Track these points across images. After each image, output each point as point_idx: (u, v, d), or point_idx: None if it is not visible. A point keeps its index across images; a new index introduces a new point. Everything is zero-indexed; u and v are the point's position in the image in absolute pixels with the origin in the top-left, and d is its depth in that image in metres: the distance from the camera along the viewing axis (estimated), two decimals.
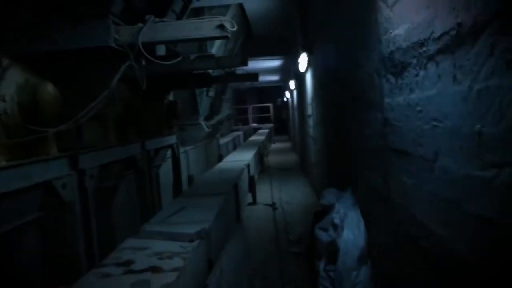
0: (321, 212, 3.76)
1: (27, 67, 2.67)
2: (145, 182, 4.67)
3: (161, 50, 5.06)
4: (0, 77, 2.31)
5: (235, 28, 2.49)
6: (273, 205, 6.82)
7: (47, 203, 2.98)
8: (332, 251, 3.03)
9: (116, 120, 4.15)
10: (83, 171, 3.22)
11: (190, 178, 8.14)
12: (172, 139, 5.90)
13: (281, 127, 25.77)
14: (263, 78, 19.80)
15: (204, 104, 9.08)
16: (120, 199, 4.48)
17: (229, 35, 2.49)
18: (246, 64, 4.20)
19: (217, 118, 9.91)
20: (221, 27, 2.47)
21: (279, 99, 27.54)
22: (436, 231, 1.71)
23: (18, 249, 2.83)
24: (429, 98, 1.66)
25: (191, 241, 2.63)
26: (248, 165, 6.93)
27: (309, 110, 7.75)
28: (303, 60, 7.31)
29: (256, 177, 8.60)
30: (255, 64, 13.54)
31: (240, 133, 18.11)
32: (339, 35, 3.90)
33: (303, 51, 6.68)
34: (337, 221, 3.08)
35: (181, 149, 8.04)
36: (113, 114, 4.09)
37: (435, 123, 1.60)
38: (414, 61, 1.78)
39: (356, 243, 2.94)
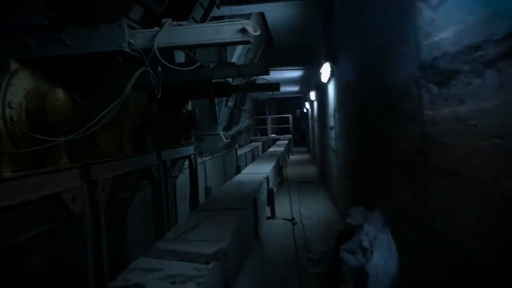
0: (347, 232, 3.49)
1: (38, 73, 2.55)
2: (161, 194, 4.50)
3: (180, 58, 4.93)
4: (8, 82, 2.17)
5: (258, 32, 2.30)
6: (292, 220, 6.55)
7: (59, 215, 2.84)
8: (361, 277, 2.76)
9: (132, 130, 4.00)
10: (95, 182, 3.06)
11: (208, 190, 7.96)
12: (190, 150, 5.74)
13: (300, 138, 25.48)
14: (283, 88, 19.59)
15: (223, 114, 8.93)
16: (135, 212, 4.31)
17: (251, 40, 2.30)
18: (267, 73, 4.01)
19: (235, 128, 9.74)
20: (243, 31, 2.28)
21: (298, 110, 27.30)
22: (491, 267, 1.45)
23: (28, 262, 2.68)
24: (486, 111, 1.42)
25: (207, 263, 2.41)
26: (267, 178, 6.70)
27: (331, 122, 7.50)
28: (325, 70, 7.08)
29: (275, 189, 8.37)
30: (275, 74, 13.37)
31: (258, 144, 17.92)
32: (367, 43, 3.66)
33: (326, 60, 6.46)
34: (366, 243, 2.81)
35: (199, 160, 7.88)
36: (129, 123, 3.95)
37: (495, 140, 1.36)
38: (466, 67, 1.54)
39: (388, 268, 2.67)
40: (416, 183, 2.27)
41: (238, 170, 11.21)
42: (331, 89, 7.31)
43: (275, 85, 5.48)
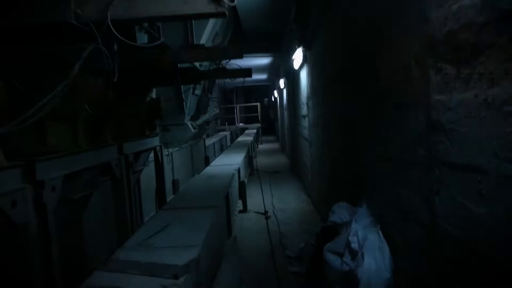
0: (330, 229, 3.20)
1: None
2: (123, 191, 4.05)
3: (142, 40, 4.44)
4: None
5: (234, 3, 1.92)
6: (265, 213, 6.25)
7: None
8: (350, 283, 2.48)
9: (87, 120, 3.53)
10: (42, 182, 2.60)
11: (175, 183, 7.51)
12: (155, 141, 5.29)
13: (268, 127, 25.26)
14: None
15: (190, 103, 8.46)
16: (93, 213, 3.85)
17: (227, 12, 1.92)
18: (241, 56, 3.64)
19: (204, 117, 9.29)
20: (217, 1, 1.89)
21: (266, 99, 27.01)
22: None
23: None
24: None
25: (176, 277, 2.04)
26: (238, 170, 6.35)
27: (304, 110, 7.21)
28: (298, 56, 6.76)
29: (246, 180, 8.03)
30: (243, 62, 12.93)
31: (227, 133, 17.50)
32: (351, 23, 3.35)
33: (299, 45, 6.13)
34: (355, 245, 2.53)
35: (165, 151, 7.41)
36: (84, 113, 3.47)
37: None
38: (504, 39, 1.23)
39: (380, 273, 2.39)
40: (421, 181, 1.98)
41: (207, 162, 10.79)
42: (303, 76, 7.01)
43: (247, 71, 5.11)
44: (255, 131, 18.07)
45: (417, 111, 1.94)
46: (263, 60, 13.62)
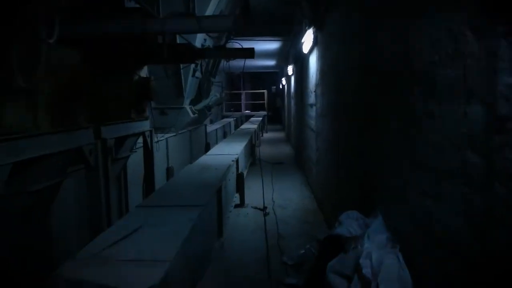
0: (336, 240, 2.66)
1: None
2: (98, 181, 3.53)
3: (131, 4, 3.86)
4: None
5: None
6: (264, 210, 5.72)
7: None
8: None
9: (54, 98, 2.99)
10: None
11: (170, 171, 6.99)
12: (144, 125, 4.75)
13: (274, 116, 24.65)
14: (258, 62, 18.54)
15: (190, 85, 7.89)
16: (62, 208, 3.34)
17: None
18: (237, 30, 3.08)
19: (204, 102, 8.73)
20: None
21: (274, 87, 26.33)
22: None
23: None
24: None
25: None
26: (236, 160, 5.81)
27: (311, 99, 6.62)
28: (308, 39, 6.15)
29: (245, 171, 7.50)
30: (250, 45, 12.30)
31: (231, 120, 16.94)
32: None
33: (310, 26, 5.51)
34: (367, 272, 1.98)
35: (160, 137, 6.89)
36: (50, 89, 2.93)
37: None
38: None
39: None
40: (466, 196, 1.41)
41: (207, 148, 10.26)
42: (312, 61, 6.40)
43: (249, 51, 4.52)
44: (260, 119, 17.47)
45: (470, 102, 1.37)
46: (272, 45, 12.95)
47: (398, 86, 2.21)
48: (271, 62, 18.70)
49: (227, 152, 6.38)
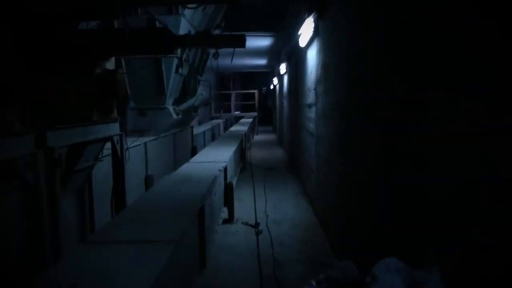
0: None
1: None
2: (41, 203, 2.69)
3: None
4: None
5: None
6: (256, 227, 4.91)
7: None
8: None
9: None
10: None
11: (148, 180, 6.15)
12: (111, 129, 3.91)
13: (265, 117, 23.86)
14: (248, 61, 17.74)
15: (173, 83, 7.05)
16: None
17: None
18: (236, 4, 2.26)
19: (190, 102, 7.90)
20: None
21: (265, 88, 25.54)
22: None
23: None
24: None
25: None
26: (224, 169, 4.99)
27: (310, 98, 5.84)
28: (307, 29, 5.37)
29: (235, 179, 6.69)
30: None
31: (220, 121, 16.11)
32: None
33: (310, 12, 4.73)
34: None
35: (137, 142, 6.04)
36: None
37: None
38: None
39: None
40: None
41: (194, 153, 9.40)
42: (311, 55, 5.62)
43: (238, 38, 3.73)
44: (251, 120, 16.66)
45: None
46: (263, 41, 12.17)
47: (436, 85, 1.43)
48: (262, 61, 17.91)
49: (214, 158, 5.56)
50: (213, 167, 4.79)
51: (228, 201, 5.07)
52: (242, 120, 16.49)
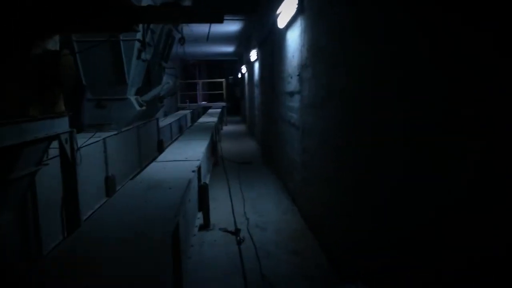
0: None
1: None
2: None
3: None
4: None
5: None
6: (237, 234, 4.29)
7: None
8: None
9: None
10: None
11: (109, 182, 5.37)
12: (58, 126, 3.14)
13: (234, 107, 23.14)
14: (215, 48, 16.91)
15: (135, 70, 6.23)
16: None
17: None
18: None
19: (154, 91, 7.10)
20: None
21: (231, 77, 24.76)
22: None
23: None
24: None
25: None
26: (198, 168, 4.30)
27: (292, 85, 5.22)
28: (288, 6, 4.72)
29: (208, 177, 6.01)
30: (205, 26, 10.71)
31: (187, 112, 15.25)
32: None
33: None
34: None
35: (96, 136, 5.24)
36: None
37: None
38: None
39: None
40: None
41: (161, 148, 8.62)
42: (293, 37, 4.98)
43: (217, 14, 3.04)
44: (219, 110, 15.91)
45: None
46: (231, 27, 11.40)
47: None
48: (230, 48, 17.13)
49: (185, 156, 4.85)
50: (185, 167, 4.09)
51: (204, 205, 4.40)
52: (210, 111, 15.70)
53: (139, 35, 5.83)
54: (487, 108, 1.35)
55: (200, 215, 4.47)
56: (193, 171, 3.83)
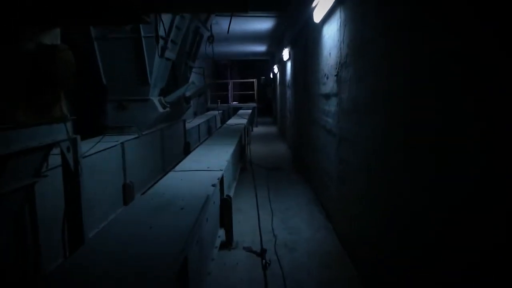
0: None
1: None
2: None
3: None
4: None
5: None
6: (262, 255, 3.76)
7: None
8: None
9: None
10: None
11: (127, 190, 4.97)
12: (55, 132, 2.72)
13: (265, 108, 22.64)
14: (246, 48, 16.46)
15: (158, 70, 5.82)
16: None
17: None
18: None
19: (178, 92, 6.68)
20: None
21: (263, 77, 24.26)
22: None
23: None
24: None
25: None
26: (220, 180, 3.80)
27: (328, 86, 4.64)
28: None
29: (234, 185, 5.51)
30: (236, 25, 10.26)
31: (216, 113, 14.87)
32: None
33: None
34: None
35: (113, 141, 4.87)
36: None
37: None
38: None
39: None
40: None
41: (187, 150, 8.22)
42: (331, 32, 4.41)
43: (240, 1, 2.53)
44: (250, 111, 15.44)
45: None
46: (263, 24, 10.88)
47: None
48: (261, 48, 16.62)
49: (208, 164, 4.38)
50: (205, 179, 3.61)
51: (226, 221, 3.90)
52: (241, 112, 15.26)
53: (162, 31, 5.42)
54: None
55: (222, 231, 3.98)
56: (214, 185, 3.33)
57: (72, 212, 3.04)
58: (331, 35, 4.35)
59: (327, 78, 4.64)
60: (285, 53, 10.60)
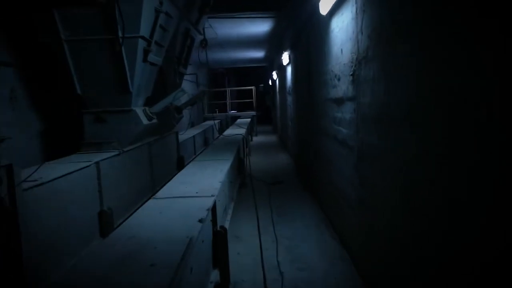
0: None
1: None
2: None
3: None
4: None
5: None
6: None
7: None
8: None
9: None
10: None
11: (104, 218, 4.17)
12: None
13: (264, 116, 21.93)
14: (243, 54, 15.77)
15: (141, 75, 5.03)
16: None
17: None
18: None
19: (164, 101, 5.93)
20: None
21: (262, 85, 23.58)
22: None
23: None
24: None
25: None
26: (212, 208, 3.03)
27: (340, 89, 3.89)
28: None
29: (231, 206, 4.73)
30: (232, 28, 9.58)
31: (213, 122, 14.09)
32: None
33: None
34: None
35: (87, 161, 4.11)
36: None
37: None
38: None
39: None
40: None
41: (181, 164, 7.44)
42: (341, 24, 3.67)
43: None
44: (249, 120, 14.69)
45: None
46: (261, 27, 10.16)
47: None
48: (259, 54, 15.92)
49: (197, 186, 3.61)
50: (191, 208, 2.84)
51: (220, 259, 3.11)
52: (239, 121, 14.51)
53: (144, 31, 4.68)
54: None
55: (216, 272, 3.19)
56: (201, 220, 2.55)
57: (8, 259, 2.26)
58: (343, 27, 3.61)
59: (339, 79, 3.89)
60: (285, 57, 9.88)
